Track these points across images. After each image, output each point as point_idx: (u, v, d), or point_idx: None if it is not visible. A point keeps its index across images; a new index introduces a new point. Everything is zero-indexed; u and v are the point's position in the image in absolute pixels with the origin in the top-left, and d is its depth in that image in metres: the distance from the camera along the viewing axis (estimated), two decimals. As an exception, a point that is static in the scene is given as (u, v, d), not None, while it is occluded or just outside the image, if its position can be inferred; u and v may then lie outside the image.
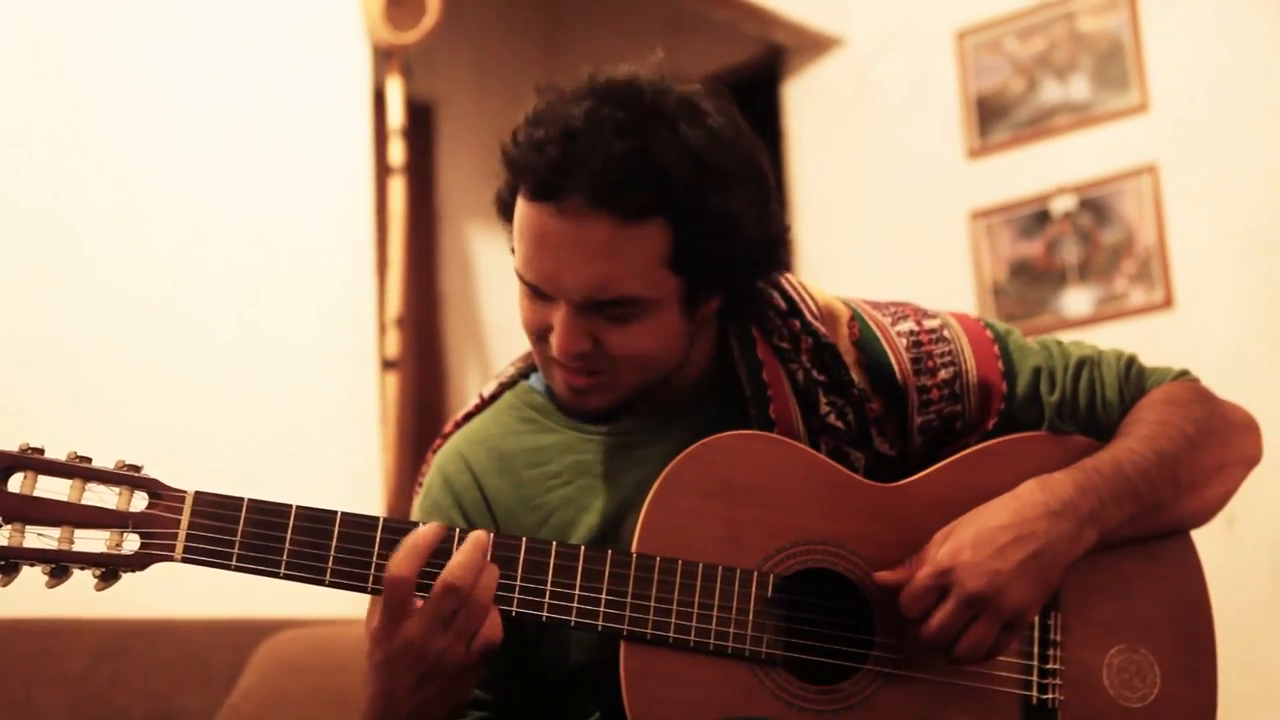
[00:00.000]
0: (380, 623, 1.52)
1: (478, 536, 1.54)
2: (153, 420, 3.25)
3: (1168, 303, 4.43)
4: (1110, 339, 1.92)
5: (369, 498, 3.68)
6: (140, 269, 3.34)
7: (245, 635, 3.02)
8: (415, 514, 1.84)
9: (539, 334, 1.69)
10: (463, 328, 5.55)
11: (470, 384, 5.48)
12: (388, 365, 3.97)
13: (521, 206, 1.63)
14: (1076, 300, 4.63)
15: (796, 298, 1.78)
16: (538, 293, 1.66)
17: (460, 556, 1.52)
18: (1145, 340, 4.23)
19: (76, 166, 3.27)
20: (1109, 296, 4.56)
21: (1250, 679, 3.98)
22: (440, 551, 1.53)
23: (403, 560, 1.50)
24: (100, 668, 2.87)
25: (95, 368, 3.22)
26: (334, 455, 3.64)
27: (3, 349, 3.09)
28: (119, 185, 3.33)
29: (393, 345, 4.01)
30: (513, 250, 1.68)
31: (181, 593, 2.92)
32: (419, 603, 1.52)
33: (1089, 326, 4.52)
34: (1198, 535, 1.84)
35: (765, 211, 1.68)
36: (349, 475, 3.65)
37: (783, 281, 1.80)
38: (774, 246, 1.72)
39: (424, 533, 1.53)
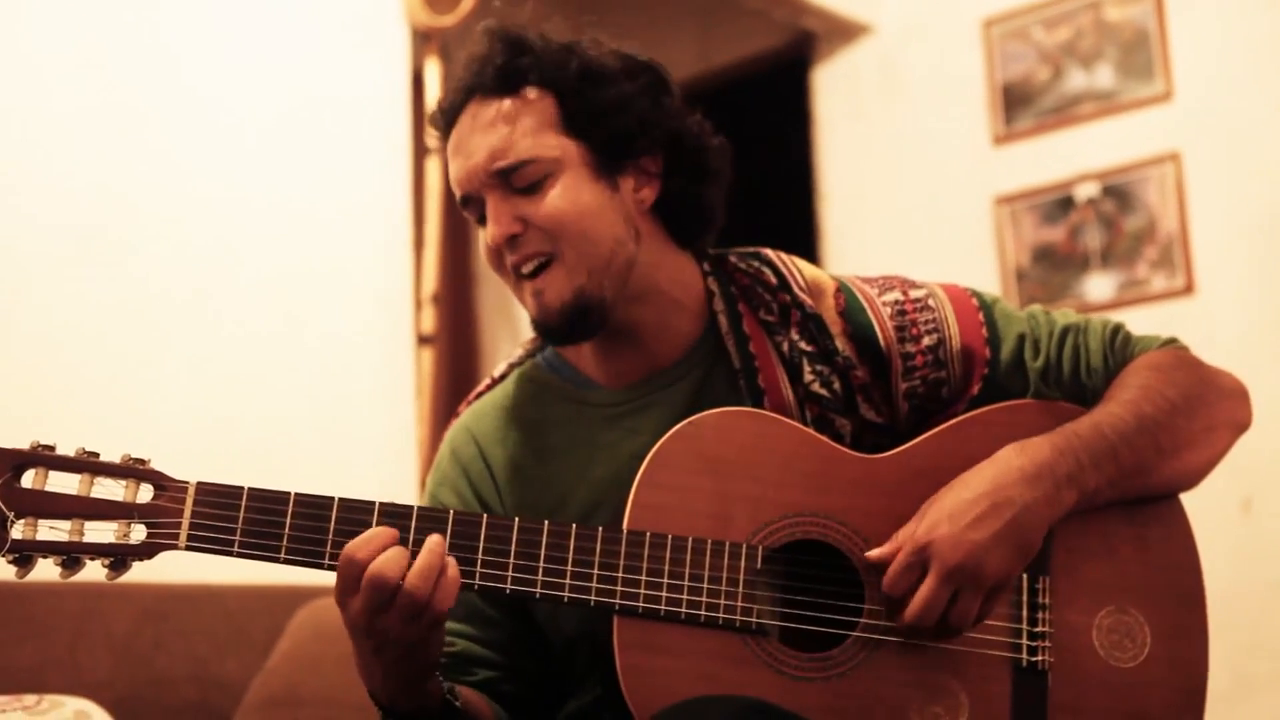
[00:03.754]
0: (336, 595, 1.55)
1: (433, 541, 1.55)
2: (194, 393, 3.27)
3: (1189, 289, 4.42)
4: (1131, 323, 1.93)
5: (404, 468, 3.70)
6: (183, 248, 3.36)
7: (283, 601, 3.05)
8: (428, 487, 1.90)
9: (497, 258, 1.77)
10: (495, 304, 5.56)
11: (502, 359, 5.47)
12: (423, 340, 3.98)
13: None
14: (1099, 285, 4.61)
15: (785, 272, 1.83)
16: (475, 210, 1.77)
17: (420, 563, 1.53)
18: (1166, 325, 4.15)
19: (122, 149, 3.29)
20: (1131, 282, 4.55)
21: (1263, 659, 4.01)
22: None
23: (355, 546, 1.52)
24: (143, 631, 2.90)
25: (137, 347, 3.24)
26: (371, 427, 3.67)
27: (52, 327, 3.11)
28: (163, 167, 3.35)
29: (428, 321, 4.02)
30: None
31: (222, 560, 2.98)
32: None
33: (1110, 311, 4.45)
34: (1213, 518, 1.82)
35: (657, 93, 1.80)
36: (385, 447, 3.68)
37: (773, 257, 1.85)
38: (687, 135, 1.82)
39: (382, 529, 1.54)
